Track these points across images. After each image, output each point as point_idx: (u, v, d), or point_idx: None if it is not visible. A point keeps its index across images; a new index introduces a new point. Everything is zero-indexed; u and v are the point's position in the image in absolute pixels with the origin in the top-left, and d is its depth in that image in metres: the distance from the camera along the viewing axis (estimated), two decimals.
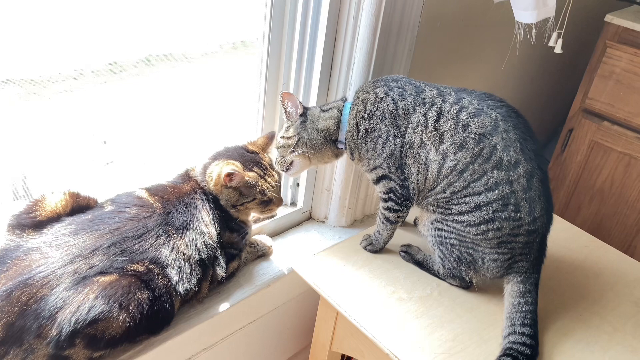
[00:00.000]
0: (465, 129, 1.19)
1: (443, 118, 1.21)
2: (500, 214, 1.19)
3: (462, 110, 1.20)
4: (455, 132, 1.19)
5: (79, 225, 1.12)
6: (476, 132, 1.18)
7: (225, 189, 1.27)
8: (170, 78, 1.62)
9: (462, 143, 1.19)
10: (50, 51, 1.37)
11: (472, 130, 1.19)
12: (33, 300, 1.00)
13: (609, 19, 1.94)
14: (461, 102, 1.22)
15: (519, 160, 1.17)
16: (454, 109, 1.21)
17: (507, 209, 1.18)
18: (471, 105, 1.21)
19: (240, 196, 1.29)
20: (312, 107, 1.38)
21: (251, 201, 1.30)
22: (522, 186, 1.18)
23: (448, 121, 1.20)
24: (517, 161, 1.17)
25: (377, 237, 1.41)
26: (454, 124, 1.19)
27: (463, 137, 1.19)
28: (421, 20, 1.46)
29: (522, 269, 1.25)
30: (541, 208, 1.20)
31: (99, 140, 1.53)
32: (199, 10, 1.60)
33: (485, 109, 1.20)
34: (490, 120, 1.19)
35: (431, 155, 1.22)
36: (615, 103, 1.98)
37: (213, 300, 1.33)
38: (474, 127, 1.19)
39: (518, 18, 1.41)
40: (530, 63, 2.16)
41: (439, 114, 1.21)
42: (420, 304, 1.29)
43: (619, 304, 1.36)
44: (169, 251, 1.15)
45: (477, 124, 1.19)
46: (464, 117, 1.20)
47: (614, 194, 2.09)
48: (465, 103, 1.21)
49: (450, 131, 1.19)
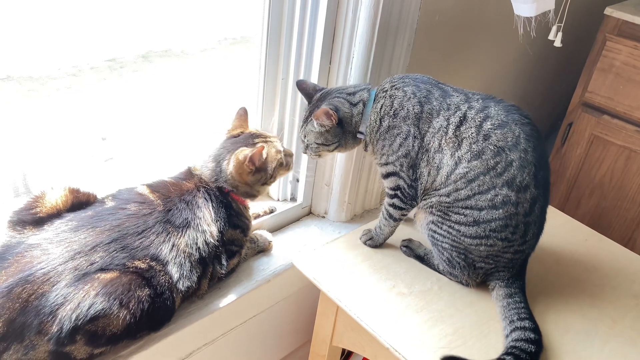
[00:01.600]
0: (486, 139, 1.18)
1: (465, 125, 1.19)
2: (498, 234, 1.20)
3: (487, 119, 1.19)
4: (474, 140, 1.18)
5: (80, 221, 1.12)
6: (496, 145, 1.17)
7: (252, 176, 1.31)
8: (169, 74, 1.62)
9: (479, 152, 1.17)
10: (49, 48, 1.37)
11: (492, 141, 1.17)
12: (34, 296, 1.00)
13: (609, 11, 1.93)
14: (487, 110, 1.20)
15: (529, 184, 1.17)
16: (479, 116, 1.19)
17: (506, 230, 1.20)
18: (497, 116, 1.19)
19: (266, 172, 1.33)
20: (340, 104, 1.30)
21: (277, 167, 1.36)
22: (524, 210, 1.19)
23: (470, 129, 1.19)
24: (528, 185, 1.17)
25: (378, 233, 1.41)
26: (475, 132, 1.18)
27: (482, 147, 1.17)
28: (420, 14, 1.45)
29: (505, 277, 1.29)
30: (533, 233, 1.24)
31: (99, 136, 1.53)
32: (198, 6, 1.59)
33: (510, 123, 1.18)
34: (513, 136, 1.17)
35: (445, 160, 1.21)
36: (614, 96, 1.98)
37: (213, 296, 1.33)
38: (495, 139, 1.17)
39: (517, 11, 1.41)
40: (530, 56, 2.15)
41: (462, 120, 1.20)
42: (420, 298, 1.29)
43: (619, 297, 1.36)
44: (170, 248, 1.15)
45: (499, 136, 1.17)
46: (487, 127, 1.18)
47: (613, 187, 2.09)
48: (491, 112, 1.20)
49: (470, 139, 1.18)
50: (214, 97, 1.72)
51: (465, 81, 1.90)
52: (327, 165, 1.60)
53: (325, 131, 1.30)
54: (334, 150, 1.36)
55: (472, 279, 1.30)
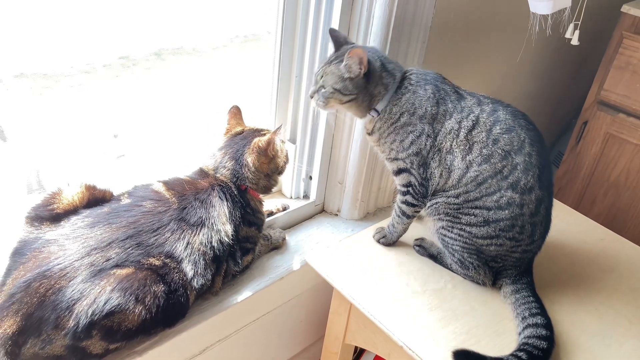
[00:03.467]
0: (495, 143, 1.20)
1: (477, 129, 1.21)
2: (506, 233, 1.23)
3: (496, 124, 1.21)
4: (485, 144, 1.20)
5: (96, 218, 1.13)
6: (503, 149, 1.20)
7: (272, 162, 1.34)
8: (181, 72, 1.62)
9: (488, 156, 1.20)
10: (63, 45, 1.38)
11: (500, 145, 1.20)
12: (51, 291, 1.01)
13: (626, 9, 1.91)
14: (496, 114, 1.22)
15: (533, 186, 1.20)
16: (489, 120, 1.21)
17: (513, 229, 1.22)
18: (505, 121, 1.21)
19: (278, 159, 1.36)
20: (373, 60, 1.25)
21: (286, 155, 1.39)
22: (530, 211, 1.22)
23: (481, 133, 1.21)
24: (532, 187, 1.20)
25: (392, 231, 1.41)
26: (485, 137, 1.20)
27: (491, 151, 1.20)
28: (435, 11, 1.45)
29: (512, 274, 1.30)
30: (540, 233, 1.26)
31: (111, 133, 1.54)
32: (210, 4, 1.60)
33: (516, 128, 1.21)
34: (519, 140, 1.20)
35: (456, 163, 1.22)
36: (631, 95, 1.96)
37: (227, 293, 1.34)
38: (503, 143, 1.20)
39: (533, 9, 1.40)
40: (545, 54, 2.14)
41: (475, 124, 1.21)
42: (434, 296, 1.29)
43: (635, 297, 1.35)
44: (184, 246, 1.15)
45: (507, 141, 1.20)
46: (496, 131, 1.20)
47: (629, 187, 2.07)
48: (500, 116, 1.22)
49: (481, 143, 1.20)
50: (226, 94, 1.72)
51: (480, 80, 1.89)
52: (340, 163, 1.60)
53: (349, 78, 1.23)
54: (345, 104, 1.27)
55: (489, 277, 1.30)
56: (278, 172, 1.39)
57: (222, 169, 1.31)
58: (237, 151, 1.32)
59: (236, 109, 1.41)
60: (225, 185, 1.28)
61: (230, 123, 1.39)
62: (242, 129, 1.38)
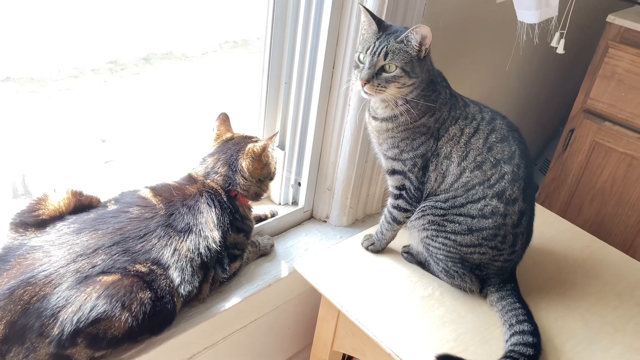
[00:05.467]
0: (489, 150, 1.21)
1: (476, 136, 1.22)
2: (489, 242, 1.24)
3: (493, 132, 1.22)
4: (480, 152, 1.21)
5: (82, 224, 1.12)
6: (495, 157, 1.21)
7: (265, 168, 1.34)
8: (170, 77, 1.62)
9: (481, 163, 1.21)
10: (50, 49, 1.37)
11: (493, 153, 1.21)
12: (35, 298, 1.00)
13: (611, 19, 1.94)
14: (494, 122, 1.24)
15: (517, 198, 1.22)
16: (487, 128, 1.22)
17: (496, 239, 1.23)
18: (501, 130, 1.23)
19: (270, 166, 1.37)
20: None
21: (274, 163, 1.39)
22: (513, 221, 1.23)
23: (478, 140, 1.22)
24: (516, 198, 1.22)
25: (380, 237, 1.41)
26: (482, 144, 1.21)
27: (484, 158, 1.21)
28: (423, 19, 1.45)
29: (495, 282, 1.30)
30: (521, 244, 1.28)
31: (99, 138, 1.53)
32: (199, 9, 1.59)
33: (510, 139, 1.23)
34: (510, 151, 1.22)
35: (452, 168, 1.23)
36: (616, 103, 1.98)
37: (214, 300, 1.33)
38: (496, 152, 1.21)
39: (521, 18, 1.41)
40: (532, 63, 2.16)
41: (475, 131, 1.22)
42: (422, 303, 1.29)
43: (620, 304, 1.36)
44: (171, 253, 1.14)
45: (499, 149, 1.21)
46: (492, 140, 1.22)
47: (615, 194, 2.09)
48: (497, 125, 1.23)
49: (476, 150, 1.21)
50: (214, 100, 1.72)
51: (469, 86, 1.90)
52: (329, 169, 1.60)
53: (417, 58, 1.13)
54: (404, 88, 1.15)
55: (475, 285, 1.30)
56: (270, 178, 1.39)
57: (214, 175, 1.30)
58: (231, 157, 1.31)
59: (225, 116, 1.41)
60: (214, 191, 1.27)
61: (219, 129, 1.39)
62: (232, 135, 1.37)
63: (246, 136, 1.38)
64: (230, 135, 1.37)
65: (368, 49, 1.15)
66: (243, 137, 1.37)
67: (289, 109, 1.53)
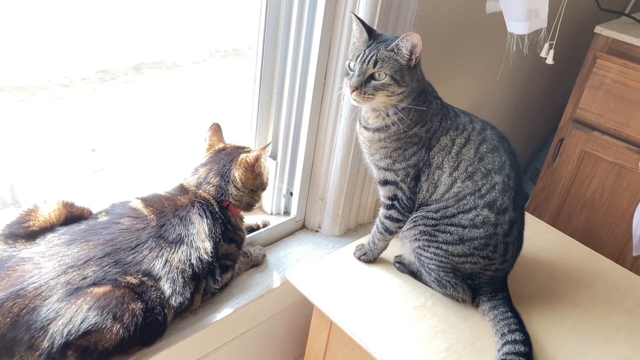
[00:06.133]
0: (480, 160, 1.22)
1: (467, 146, 1.22)
2: (480, 252, 1.24)
3: (484, 142, 1.23)
4: (471, 162, 1.22)
5: (73, 235, 1.11)
6: (486, 167, 1.22)
7: (257, 178, 1.33)
8: (161, 86, 1.62)
9: (472, 173, 1.21)
10: (40, 58, 1.36)
11: (484, 163, 1.22)
12: (25, 311, 0.99)
13: (599, 30, 1.96)
14: (485, 133, 1.24)
15: (508, 207, 1.22)
16: (478, 139, 1.23)
17: (487, 248, 1.24)
18: (491, 140, 1.24)
19: (262, 176, 1.36)
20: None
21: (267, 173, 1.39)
22: (503, 231, 1.23)
23: (470, 150, 1.22)
24: (507, 208, 1.22)
25: (372, 247, 1.41)
26: (473, 154, 1.22)
27: (475, 168, 1.21)
28: (414, 30, 1.46)
29: (487, 291, 1.30)
30: (512, 253, 1.28)
31: (89, 147, 1.53)
32: (190, 18, 1.60)
33: (500, 149, 1.23)
34: (501, 161, 1.22)
35: (444, 178, 1.23)
36: (605, 113, 2.00)
37: (206, 311, 1.32)
38: (487, 162, 1.22)
39: (510, 29, 1.43)
40: (522, 73, 2.18)
41: (466, 142, 1.23)
42: (414, 314, 1.29)
43: (612, 313, 1.36)
44: (162, 264, 1.14)
45: (490, 159, 1.22)
46: (482, 150, 1.22)
47: (604, 203, 2.11)
48: (487, 136, 1.24)
49: (467, 161, 1.22)
50: (205, 109, 1.72)
51: (460, 97, 1.92)
52: (321, 179, 1.60)
53: (406, 66, 1.13)
54: (393, 96, 1.15)
55: (467, 295, 1.30)
56: (262, 189, 1.38)
57: (206, 185, 1.30)
58: (224, 167, 1.31)
59: (217, 126, 1.41)
60: (206, 201, 1.27)
61: (212, 140, 1.38)
62: (224, 145, 1.37)
63: (238, 146, 1.38)
64: (223, 146, 1.37)
65: (358, 56, 1.16)
66: (235, 148, 1.36)
67: (280, 119, 1.54)
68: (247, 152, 1.34)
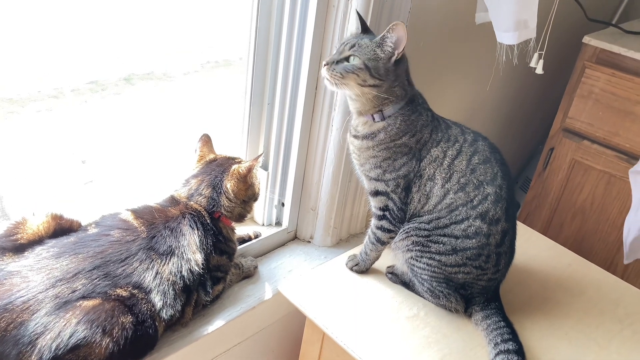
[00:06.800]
0: (472, 172, 1.22)
1: (459, 158, 1.23)
2: (473, 262, 1.24)
3: (475, 154, 1.23)
4: (463, 174, 1.22)
5: (62, 248, 1.09)
6: (478, 178, 1.22)
7: (249, 189, 1.32)
8: (151, 97, 1.61)
9: (464, 185, 1.22)
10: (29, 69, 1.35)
11: (476, 175, 1.22)
12: (12, 325, 0.97)
13: (587, 40, 1.98)
14: (476, 144, 1.25)
15: (500, 218, 1.23)
16: (470, 150, 1.23)
17: (479, 258, 1.24)
18: (483, 152, 1.24)
19: (254, 187, 1.36)
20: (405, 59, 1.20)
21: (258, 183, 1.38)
22: (496, 241, 1.24)
23: (462, 162, 1.22)
24: (499, 218, 1.23)
25: (364, 258, 1.40)
26: (465, 166, 1.22)
27: (467, 180, 1.22)
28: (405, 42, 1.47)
29: (480, 301, 1.30)
30: (504, 263, 1.29)
31: (79, 159, 1.52)
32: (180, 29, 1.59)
33: (492, 160, 1.24)
34: (493, 173, 1.23)
35: (436, 190, 1.23)
36: (594, 122, 2.02)
37: (197, 324, 1.31)
38: (479, 173, 1.22)
39: (500, 39, 1.44)
40: (512, 83, 2.19)
41: (458, 153, 1.23)
42: (407, 324, 1.29)
43: (604, 321, 1.36)
44: (153, 276, 1.13)
45: (482, 171, 1.22)
46: (474, 161, 1.23)
47: (595, 211, 2.12)
48: (479, 147, 1.24)
49: (460, 172, 1.22)
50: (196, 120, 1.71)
51: (451, 107, 1.93)
52: (312, 189, 1.60)
53: (385, 59, 1.14)
54: (365, 87, 1.15)
55: (460, 305, 1.30)
56: (254, 199, 1.38)
57: (198, 197, 1.29)
58: (215, 178, 1.30)
59: (207, 137, 1.40)
60: (197, 213, 1.26)
61: (202, 151, 1.38)
62: (215, 156, 1.37)
63: (229, 157, 1.37)
64: (214, 157, 1.36)
65: (342, 42, 1.20)
66: (226, 159, 1.36)
67: (272, 130, 1.53)
68: (239, 162, 1.34)
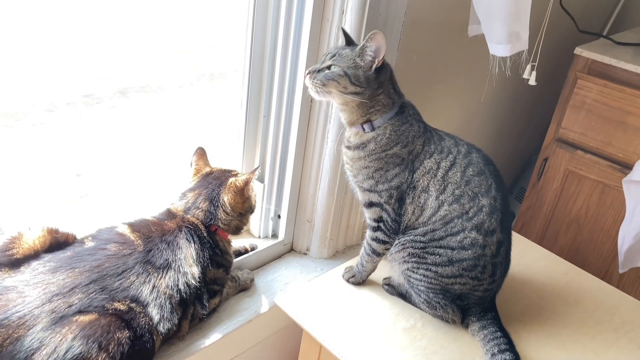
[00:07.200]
0: (467, 184, 1.23)
1: (453, 169, 1.23)
2: (469, 273, 1.24)
3: (470, 166, 1.24)
4: (457, 185, 1.22)
5: (58, 262, 1.09)
6: (473, 190, 1.22)
7: (246, 202, 1.33)
8: (147, 110, 1.62)
9: (459, 197, 1.22)
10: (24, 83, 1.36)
11: (471, 187, 1.22)
12: (8, 341, 0.97)
13: (579, 51, 2.00)
14: (471, 156, 1.25)
15: (495, 229, 1.23)
16: (464, 162, 1.24)
17: (476, 269, 1.24)
18: (477, 163, 1.25)
19: (251, 198, 1.37)
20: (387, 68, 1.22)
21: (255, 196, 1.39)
22: (491, 252, 1.24)
23: (456, 174, 1.23)
24: (494, 229, 1.23)
25: (361, 270, 1.40)
26: (460, 177, 1.23)
27: (462, 192, 1.22)
28: (398, 54, 1.48)
29: (476, 312, 1.31)
30: (500, 273, 1.29)
31: (74, 172, 1.52)
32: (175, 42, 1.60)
33: (486, 172, 1.25)
34: (487, 184, 1.23)
35: (430, 202, 1.24)
36: (587, 132, 2.03)
37: (194, 337, 1.30)
38: (473, 185, 1.23)
39: (492, 51, 1.45)
40: (506, 94, 2.21)
41: (452, 165, 1.23)
42: (404, 335, 1.28)
43: (600, 331, 1.37)
44: (150, 290, 1.12)
45: (477, 183, 1.23)
46: (469, 173, 1.23)
47: (589, 221, 2.13)
48: (473, 159, 1.25)
49: (454, 184, 1.22)
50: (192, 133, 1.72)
51: (445, 119, 1.94)
52: (308, 201, 1.60)
53: (365, 67, 1.17)
54: (347, 94, 1.18)
55: (457, 316, 1.30)
56: (251, 212, 1.38)
57: (195, 210, 1.29)
58: (212, 191, 1.30)
59: (202, 150, 1.41)
60: (193, 226, 1.26)
61: (198, 164, 1.38)
62: (211, 169, 1.37)
63: (225, 170, 1.37)
64: (210, 170, 1.37)
65: (324, 52, 1.25)
66: (223, 171, 1.36)
67: (268, 142, 1.54)
68: (235, 175, 1.34)
